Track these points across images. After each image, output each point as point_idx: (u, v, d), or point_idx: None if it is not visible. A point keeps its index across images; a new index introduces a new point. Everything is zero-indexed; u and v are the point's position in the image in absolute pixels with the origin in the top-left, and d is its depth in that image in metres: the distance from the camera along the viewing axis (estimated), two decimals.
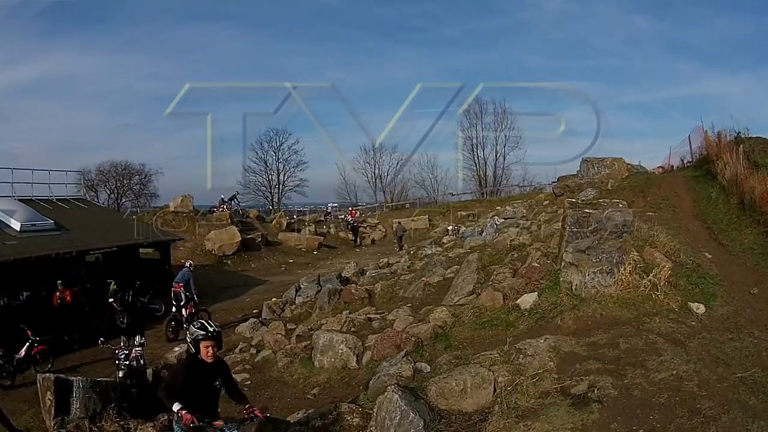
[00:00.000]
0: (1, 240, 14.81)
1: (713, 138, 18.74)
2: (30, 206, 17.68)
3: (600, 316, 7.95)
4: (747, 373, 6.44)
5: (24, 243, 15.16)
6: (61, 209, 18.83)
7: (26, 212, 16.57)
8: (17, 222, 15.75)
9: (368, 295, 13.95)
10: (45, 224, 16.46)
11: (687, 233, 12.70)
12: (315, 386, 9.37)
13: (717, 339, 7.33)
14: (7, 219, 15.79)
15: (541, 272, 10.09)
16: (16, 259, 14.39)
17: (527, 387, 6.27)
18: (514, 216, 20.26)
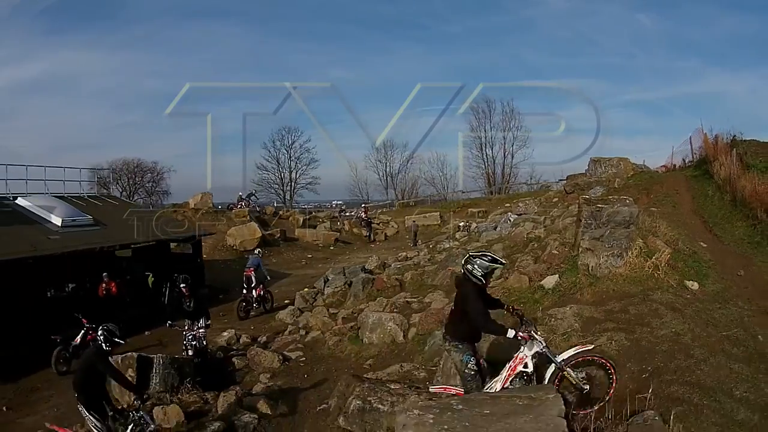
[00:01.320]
0: (45, 235, 16.91)
1: (711, 140, 21.60)
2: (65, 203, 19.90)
3: (612, 291, 10.42)
4: (731, 332, 8.88)
5: (66, 237, 17.29)
6: (94, 205, 21.11)
7: (65, 208, 18.79)
8: (58, 217, 17.88)
9: (399, 284, 16.40)
10: (84, 220, 18.72)
11: (685, 226, 15.30)
12: (368, 358, 11.68)
13: (708, 308, 9.83)
14: (47, 215, 17.93)
15: (560, 258, 12.60)
16: (63, 252, 16.56)
17: (559, 342, 8.71)
18: (527, 212, 23.01)
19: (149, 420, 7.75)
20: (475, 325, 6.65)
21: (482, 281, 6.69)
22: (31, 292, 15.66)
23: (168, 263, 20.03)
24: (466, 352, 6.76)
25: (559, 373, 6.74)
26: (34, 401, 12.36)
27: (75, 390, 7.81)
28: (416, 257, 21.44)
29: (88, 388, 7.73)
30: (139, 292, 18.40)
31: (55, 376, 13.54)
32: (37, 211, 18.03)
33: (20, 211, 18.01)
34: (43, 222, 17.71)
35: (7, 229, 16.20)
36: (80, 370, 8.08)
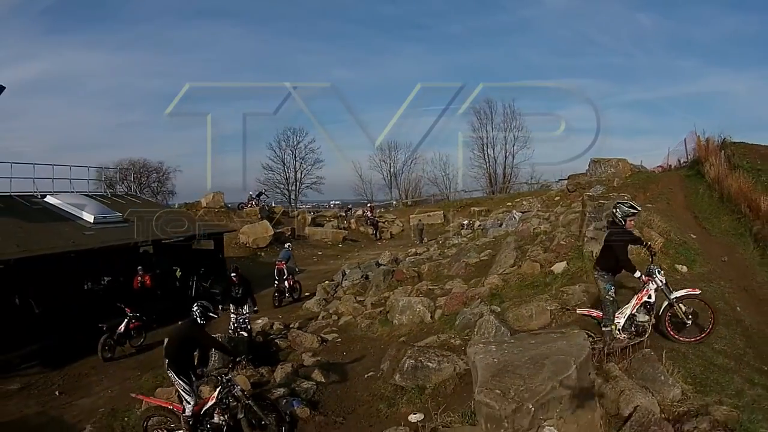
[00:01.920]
0: (80, 231, 18.76)
1: (703, 143, 24.10)
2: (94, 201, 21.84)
3: None
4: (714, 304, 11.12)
5: (100, 233, 19.15)
6: (118, 203, 23.06)
7: (95, 206, 20.73)
8: (90, 215, 19.75)
9: (417, 275, 18.56)
10: (114, 216, 20.66)
11: (678, 220, 17.59)
12: (400, 336, 13.59)
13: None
14: (78, 212, 19.81)
15: (567, 248, 14.81)
16: (101, 247, 18.46)
17: (571, 312, 10.91)
18: (530, 210, 25.44)
19: (235, 383, 9.56)
20: (615, 257, 8.93)
21: (623, 222, 9.01)
22: (72, 285, 17.58)
23: (192, 258, 22.02)
24: (608, 282, 9.08)
25: (670, 307, 9.00)
26: (85, 385, 13.95)
27: (166, 358, 9.58)
28: (426, 253, 23.80)
29: (181, 356, 9.45)
30: (167, 286, 20.33)
31: (100, 362, 15.22)
32: (69, 209, 19.90)
33: (51, 209, 19.86)
34: (75, 219, 19.54)
35: (44, 226, 18.04)
36: (174, 341, 9.66)
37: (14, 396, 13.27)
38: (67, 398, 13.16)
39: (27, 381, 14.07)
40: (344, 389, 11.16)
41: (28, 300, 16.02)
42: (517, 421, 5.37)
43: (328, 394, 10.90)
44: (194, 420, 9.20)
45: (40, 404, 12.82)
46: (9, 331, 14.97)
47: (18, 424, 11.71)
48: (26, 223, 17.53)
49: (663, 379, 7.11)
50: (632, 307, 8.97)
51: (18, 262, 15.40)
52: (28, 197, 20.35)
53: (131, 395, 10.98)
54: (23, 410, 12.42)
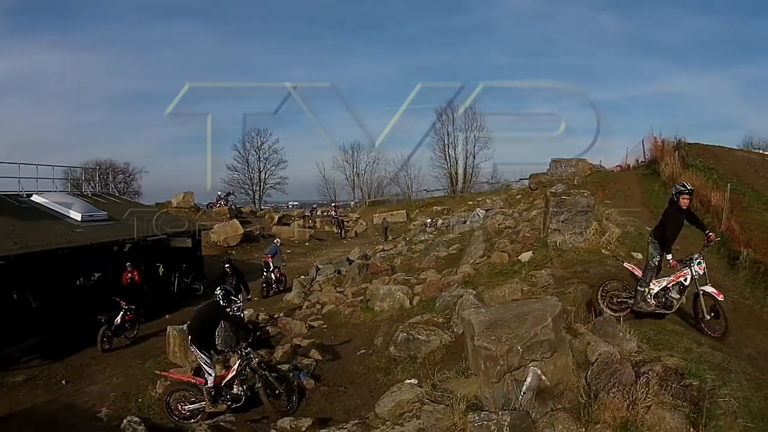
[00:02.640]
0: (71, 229, 19.70)
1: (659, 144, 26.36)
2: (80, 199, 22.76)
3: (576, 259, 14.33)
4: None
5: (89, 231, 20.12)
6: (100, 203, 23.96)
7: (81, 205, 21.65)
8: (77, 213, 20.67)
9: (390, 268, 20.17)
10: (100, 215, 21.63)
11: (635, 214, 19.56)
12: (381, 321, 15.04)
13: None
14: (66, 211, 20.69)
15: (532, 239, 16.52)
16: (92, 244, 19.50)
17: (540, 292, 12.54)
18: (494, 207, 27.29)
19: (253, 355, 10.94)
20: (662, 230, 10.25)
21: (676, 199, 10.07)
22: (65, 281, 18.48)
23: (172, 255, 23.10)
24: (656, 249, 10.34)
25: (697, 297, 10.06)
26: (89, 374, 14.83)
27: (190, 333, 10.99)
28: (395, 249, 25.41)
29: (204, 332, 10.89)
30: (151, 282, 21.35)
31: (99, 353, 16.14)
32: (56, 208, 20.79)
33: (38, 208, 20.70)
34: (63, 217, 20.44)
35: (34, 224, 18.87)
36: (199, 318, 11.12)
37: (22, 387, 13.96)
38: (74, 386, 13.96)
39: (31, 373, 14.78)
40: (340, 365, 12.63)
41: (26, 295, 16.83)
42: (509, 360, 6.91)
43: (327, 369, 12.37)
44: (216, 391, 10.55)
45: (49, 393, 13.56)
46: (8, 325, 15.79)
47: (30, 412, 12.45)
48: (19, 221, 18.37)
49: (621, 335, 8.70)
50: (668, 281, 10.15)
51: (17, 258, 16.26)
52: (14, 196, 21.12)
53: (156, 372, 12.52)
54: (33, 399, 13.15)
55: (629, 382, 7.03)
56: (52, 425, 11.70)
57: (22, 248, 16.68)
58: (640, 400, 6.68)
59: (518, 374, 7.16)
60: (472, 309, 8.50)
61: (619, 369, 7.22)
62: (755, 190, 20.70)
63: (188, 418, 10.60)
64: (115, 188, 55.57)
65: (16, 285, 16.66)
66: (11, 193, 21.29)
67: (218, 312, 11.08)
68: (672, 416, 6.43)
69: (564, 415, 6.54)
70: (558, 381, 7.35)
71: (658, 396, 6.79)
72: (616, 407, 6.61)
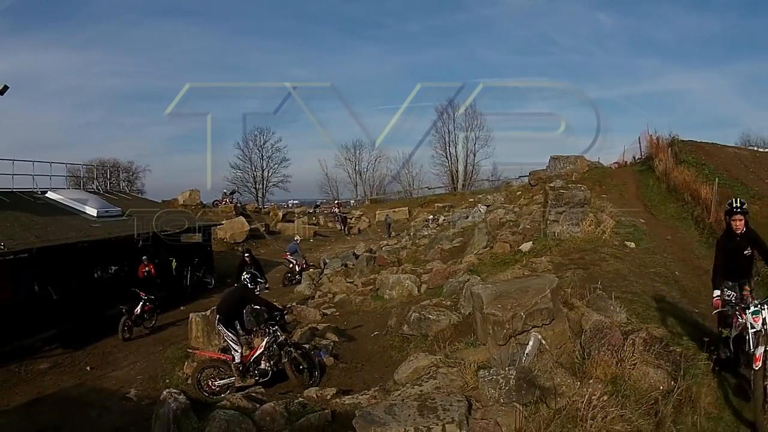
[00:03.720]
0: (88, 223, 20.85)
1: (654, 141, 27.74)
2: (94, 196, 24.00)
3: (573, 248, 15.61)
4: (656, 269, 14.16)
5: (105, 226, 21.32)
6: (112, 199, 25.17)
7: (96, 201, 22.88)
8: (92, 209, 21.86)
9: (397, 260, 21.42)
10: (115, 211, 22.84)
11: (630, 207, 20.85)
12: (392, 307, 16.13)
13: (641, 257, 15.13)
14: (81, 206, 21.87)
15: (532, 231, 17.80)
16: (109, 238, 20.70)
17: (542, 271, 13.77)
18: (494, 203, 28.65)
19: (280, 333, 12.04)
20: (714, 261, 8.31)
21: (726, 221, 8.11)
22: (83, 273, 19.69)
23: (184, 250, 24.31)
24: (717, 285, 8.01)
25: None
26: (112, 361, 15.83)
27: (219, 313, 12.18)
28: (399, 244, 26.74)
29: (232, 313, 12.14)
30: (164, 275, 22.52)
31: (120, 342, 17.23)
32: (71, 204, 21.98)
33: (54, 204, 21.86)
34: (79, 213, 21.63)
35: (54, 219, 20.04)
36: (228, 300, 12.46)
37: (47, 373, 14.88)
38: (99, 372, 14.97)
39: (55, 361, 15.75)
40: (356, 345, 13.82)
41: (47, 287, 17.89)
42: (514, 324, 8.17)
43: (344, 349, 13.54)
44: (243, 367, 11.74)
45: (74, 378, 14.52)
46: (30, 316, 16.82)
47: (59, 395, 13.26)
48: (38, 217, 19.42)
49: (612, 308, 9.94)
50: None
51: (39, 251, 17.28)
52: (29, 193, 22.25)
53: (188, 350, 13.69)
54: (60, 384, 14.05)
55: (618, 344, 8.20)
56: (82, 406, 12.52)
57: (44, 242, 17.70)
58: (627, 359, 7.88)
59: (522, 338, 8.43)
60: (480, 285, 9.78)
61: (609, 333, 8.41)
62: (744, 184, 21.94)
63: (218, 393, 11.57)
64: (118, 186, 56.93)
65: (38, 277, 17.68)
66: (27, 190, 22.41)
67: (246, 293, 12.29)
68: (655, 372, 7.62)
69: (562, 371, 7.73)
70: (557, 345, 8.62)
71: (643, 356, 7.98)
72: (607, 364, 7.82)
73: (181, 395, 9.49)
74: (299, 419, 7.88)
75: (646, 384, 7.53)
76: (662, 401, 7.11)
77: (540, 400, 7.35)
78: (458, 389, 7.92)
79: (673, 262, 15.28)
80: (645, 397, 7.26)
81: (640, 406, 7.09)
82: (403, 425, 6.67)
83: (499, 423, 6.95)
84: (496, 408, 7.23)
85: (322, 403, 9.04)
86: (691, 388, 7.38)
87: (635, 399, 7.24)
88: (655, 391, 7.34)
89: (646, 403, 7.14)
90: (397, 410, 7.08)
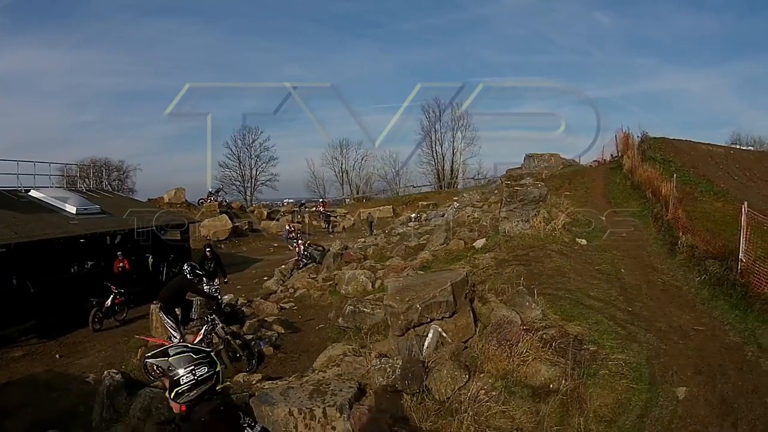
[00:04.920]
0: (66, 221, 21.18)
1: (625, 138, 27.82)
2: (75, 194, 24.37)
3: (521, 245, 15.72)
4: (601, 267, 14.11)
5: (84, 223, 21.62)
6: (94, 197, 25.53)
7: (76, 199, 23.18)
8: (72, 206, 22.12)
9: (363, 256, 21.70)
10: (94, 208, 23.13)
11: (593, 205, 20.93)
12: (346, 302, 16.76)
13: (589, 254, 15.20)
14: (62, 204, 22.15)
15: (488, 228, 18.02)
16: (86, 234, 21.02)
17: (480, 272, 13.98)
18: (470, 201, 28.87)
19: (218, 321, 12.49)
20: None
21: None
22: (61, 268, 20.03)
23: (161, 247, 24.65)
24: None
25: None
26: (81, 350, 16.29)
27: (161, 301, 12.69)
28: (374, 241, 26.94)
29: (172, 301, 12.62)
30: (141, 271, 22.90)
31: (91, 333, 17.61)
32: (52, 202, 22.28)
33: (36, 202, 22.18)
34: (59, 210, 21.90)
35: (33, 216, 20.31)
36: (170, 288, 12.93)
37: (20, 360, 15.51)
38: (67, 360, 15.49)
39: (28, 349, 16.33)
40: (300, 337, 14.17)
41: (25, 281, 18.27)
42: (409, 316, 8.41)
43: (287, 341, 13.90)
44: None
45: (44, 365, 15.05)
46: (8, 308, 17.19)
47: (27, 380, 13.84)
48: (19, 214, 19.82)
49: (528, 305, 10.09)
50: None
51: (17, 246, 17.77)
52: (14, 191, 22.61)
53: (136, 336, 14.49)
54: (30, 370, 14.61)
55: (515, 340, 8.39)
56: (46, 389, 13.04)
57: (22, 237, 18.15)
58: (521, 355, 8.07)
59: (421, 330, 8.66)
60: (394, 277, 10.01)
61: (508, 329, 8.61)
62: (710, 181, 22.06)
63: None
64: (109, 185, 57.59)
65: (16, 271, 18.13)
66: (10, 189, 22.79)
67: (185, 283, 12.78)
68: (547, 369, 7.78)
69: (451, 363, 7.94)
70: (460, 338, 8.84)
71: (540, 352, 8.17)
72: (499, 359, 8.02)
73: (118, 374, 10.50)
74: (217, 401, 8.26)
75: (537, 381, 7.67)
76: (544, 399, 7.25)
77: (426, 391, 7.57)
78: (359, 377, 8.21)
79: (621, 260, 15.24)
80: (533, 394, 7.39)
81: (525, 402, 7.24)
82: (289, 406, 7.09)
83: (382, 410, 7.19)
84: (383, 396, 7.48)
85: (247, 387, 9.54)
86: (579, 387, 7.45)
87: (521, 396, 7.39)
88: (545, 389, 7.48)
89: (531, 400, 7.28)
90: (292, 393, 7.48)
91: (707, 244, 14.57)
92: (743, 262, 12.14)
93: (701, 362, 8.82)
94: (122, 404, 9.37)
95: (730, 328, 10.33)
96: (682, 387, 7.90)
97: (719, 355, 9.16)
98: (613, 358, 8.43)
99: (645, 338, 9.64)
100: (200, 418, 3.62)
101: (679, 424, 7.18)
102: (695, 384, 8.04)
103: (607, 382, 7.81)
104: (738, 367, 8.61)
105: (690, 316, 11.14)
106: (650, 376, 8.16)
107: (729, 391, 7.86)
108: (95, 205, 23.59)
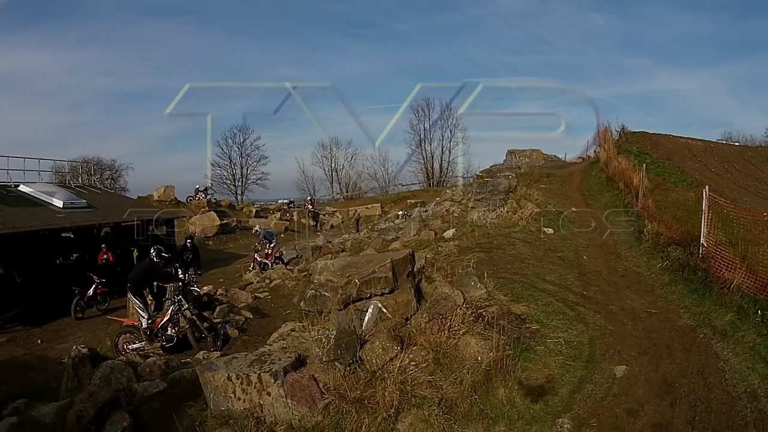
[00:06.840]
0: (53, 214, 21.70)
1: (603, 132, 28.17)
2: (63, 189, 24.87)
3: (487, 233, 16.07)
4: (563, 254, 14.40)
5: (70, 216, 22.18)
6: (81, 192, 25.98)
7: (63, 193, 23.71)
8: (59, 200, 22.74)
9: (342, 249, 22.07)
10: (80, 202, 23.68)
11: (567, 197, 21.33)
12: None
13: (553, 242, 15.48)
14: (49, 198, 22.75)
15: (459, 219, 18.39)
16: (71, 227, 21.58)
17: (442, 259, 14.33)
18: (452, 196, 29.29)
19: (184, 300, 12.93)
20: None
21: None
22: (46, 259, 20.55)
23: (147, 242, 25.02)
24: None
25: None
26: (62, 336, 17.04)
27: (129, 283, 13.11)
28: (357, 236, 27.38)
29: (140, 283, 13.07)
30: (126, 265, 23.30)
31: (73, 321, 18.41)
32: (40, 196, 22.83)
33: (25, 196, 22.73)
34: (47, 204, 22.48)
35: (20, 210, 20.89)
36: (138, 270, 13.42)
37: (4, 346, 16.31)
38: (47, 345, 16.29)
39: (12, 336, 17.16)
40: (267, 322, 14.50)
41: (11, 271, 18.92)
42: (348, 290, 8.78)
43: (254, 325, 14.28)
44: (151, 332, 12.62)
45: (25, 349, 15.88)
46: None
47: (9, 362, 14.52)
48: (7, 207, 20.41)
49: (473, 284, 10.31)
50: None
51: (3, 237, 18.34)
52: (3, 186, 23.16)
53: (108, 317, 15.31)
54: (12, 353, 15.41)
55: (448, 315, 8.74)
56: (25, 369, 13.72)
57: (9, 229, 18.72)
58: (453, 329, 8.36)
59: (361, 305, 9.04)
60: (342, 256, 10.38)
61: (443, 304, 8.92)
62: (683, 172, 22.35)
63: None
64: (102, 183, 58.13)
65: (3, 262, 18.75)
66: (0, 184, 23.36)
67: (152, 266, 13.26)
68: (477, 342, 8.00)
69: (385, 336, 8.20)
70: (402, 314, 9.19)
71: (472, 327, 8.47)
72: (431, 332, 8.36)
73: (85, 348, 10.74)
74: (174, 372, 9.10)
75: (467, 353, 7.89)
76: (471, 371, 7.47)
77: (359, 362, 7.93)
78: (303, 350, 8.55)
79: (585, 248, 15.51)
80: (461, 366, 7.62)
81: (451, 374, 7.48)
82: (228, 371, 7.48)
83: (315, 378, 7.55)
84: (318, 365, 7.84)
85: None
86: (504, 360, 7.70)
87: (449, 367, 7.63)
88: (473, 361, 7.70)
89: (458, 370, 7.52)
90: (234, 363, 7.86)
91: (671, 231, 14.85)
92: (704, 248, 12.36)
93: (648, 343, 8.99)
94: (86, 375, 9.84)
95: (685, 312, 10.53)
96: (622, 366, 8.08)
97: (669, 336, 9.32)
98: (554, 336, 8.64)
99: (593, 320, 9.84)
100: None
101: (612, 401, 7.29)
102: (637, 364, 8.20)
103: (541, 358, 8.05)
104: (687, 349, 8.78)
105: (646, 300, 11.36)
106: (589, 355, 8.35)
107: (673, 372, 7.99)
108: (82, 200, 24.08)
